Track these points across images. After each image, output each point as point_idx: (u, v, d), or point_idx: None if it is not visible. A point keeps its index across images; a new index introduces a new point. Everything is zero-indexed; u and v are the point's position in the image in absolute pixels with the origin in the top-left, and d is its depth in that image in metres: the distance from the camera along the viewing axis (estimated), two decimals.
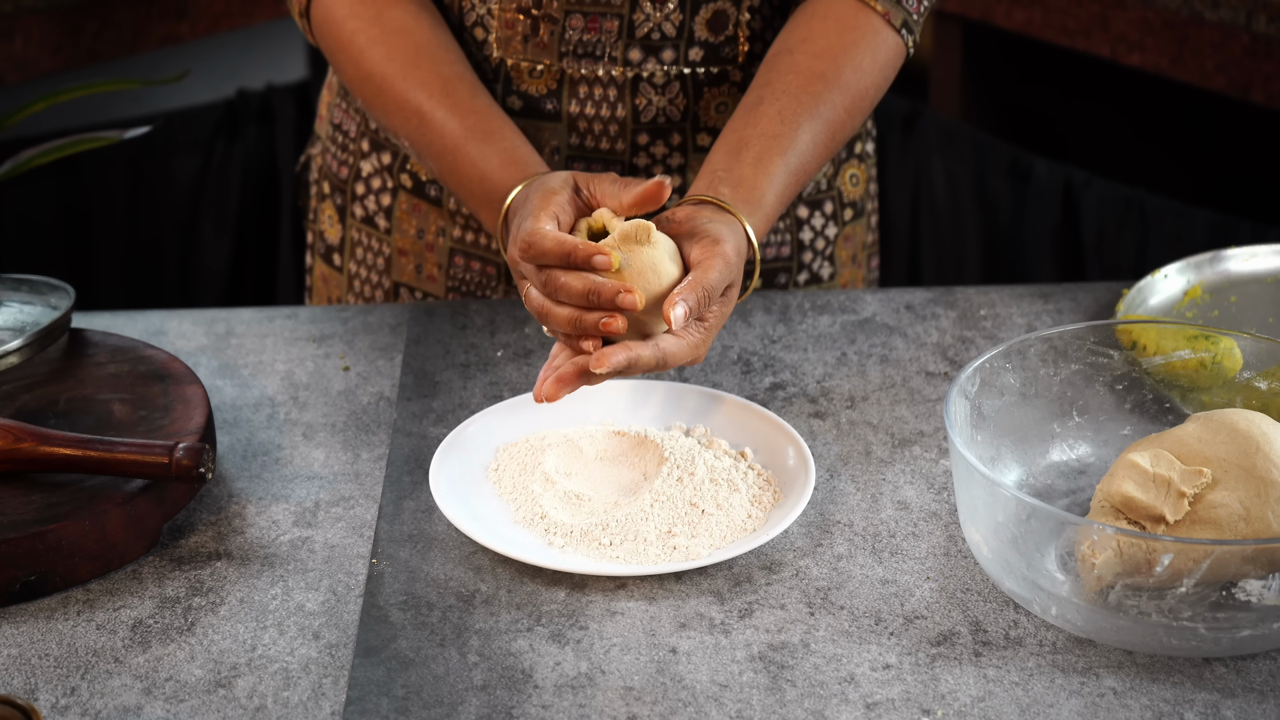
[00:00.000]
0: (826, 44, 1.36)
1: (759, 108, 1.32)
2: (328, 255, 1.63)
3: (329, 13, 1.41)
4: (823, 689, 1.06)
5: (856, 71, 1.36)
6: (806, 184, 1.35)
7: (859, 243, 1.62)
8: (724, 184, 1.27)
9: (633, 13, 1.42)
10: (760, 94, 1.34)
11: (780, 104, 1.32)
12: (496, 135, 1.34)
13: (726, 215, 1.25)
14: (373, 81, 1.39)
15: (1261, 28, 2.18)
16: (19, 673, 1.07)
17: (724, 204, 1.25)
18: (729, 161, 1.29)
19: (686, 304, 1.18)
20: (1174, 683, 1.06)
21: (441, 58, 1.39)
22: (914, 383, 1.38)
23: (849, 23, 1.37)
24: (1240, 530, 1.09)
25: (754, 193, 1.28)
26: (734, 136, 1.31)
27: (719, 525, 1.18)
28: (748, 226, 1.25)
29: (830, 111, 1.34)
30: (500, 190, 1.31)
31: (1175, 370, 1.26)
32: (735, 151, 1.30)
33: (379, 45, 1.39)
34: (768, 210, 1.29)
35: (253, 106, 2.52)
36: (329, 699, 1.05)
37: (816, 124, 1.33)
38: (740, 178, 1.28)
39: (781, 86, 1.33)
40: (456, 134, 1.35)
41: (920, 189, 2.58)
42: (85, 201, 2.45)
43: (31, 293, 1.37)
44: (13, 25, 2.28)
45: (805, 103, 1.33)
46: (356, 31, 1.40)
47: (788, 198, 1.32)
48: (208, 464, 1.16)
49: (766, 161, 1.29)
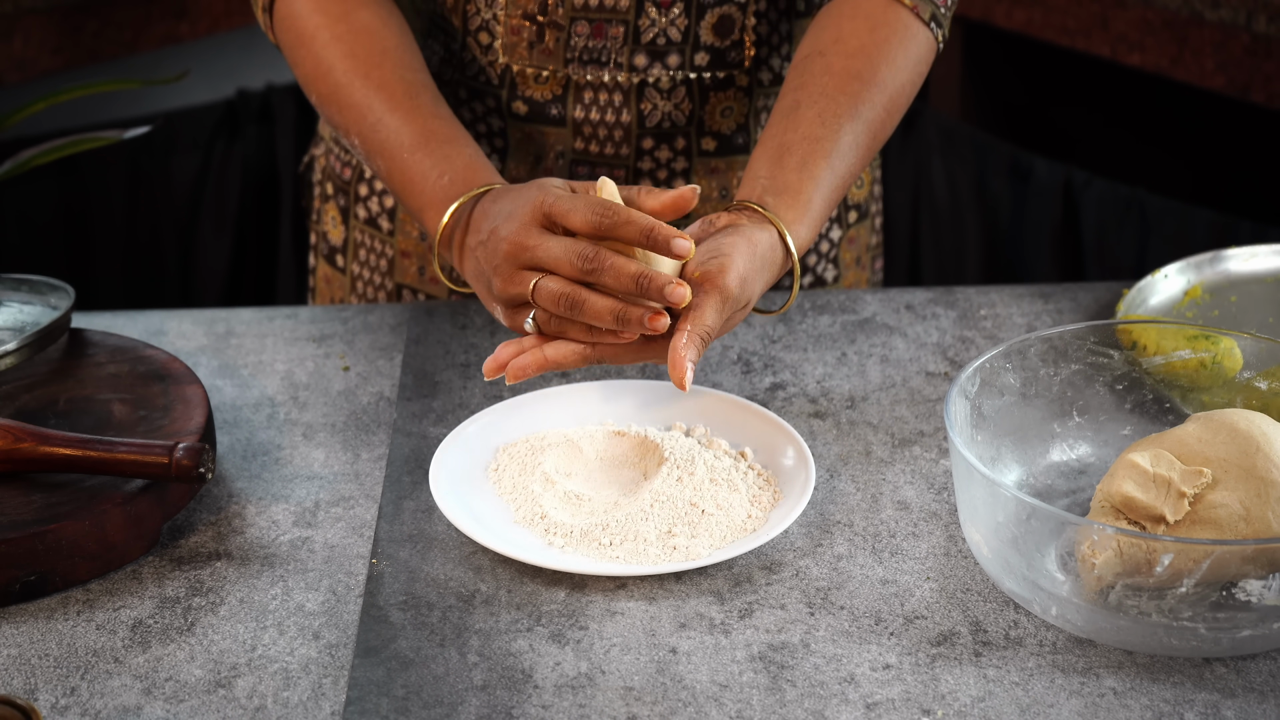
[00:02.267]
0: (859, 43, 1.33)
1: (797, 112, 1.30)
2: (331, 256, 1.63)
3: (291, 8, 1.40)
4: (823, 689, 1.06)
5: (891, 68, 1.33)
6: (850, 186, 1.32)
7: (863, 245, 1.62)
8: (769, 192, 1.25)
9: (638, 18, 1.41)
10: (796, 98, 1.31)
11: (819, 106, 1.29)
12: (458, 143, 1.32)
13: (766, 224, 1.23)
14: (331, 77, 1.36)
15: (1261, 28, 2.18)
16: (19, 673, 1.07)
17: (766, 212, 1.23)
18: (772, 169, 1.27)
19: (690, 359, 1.15)
20: (1174, 683, 1.06)
21: (406, 63, 1.37)
22: (914, 383, 1.38)
23: (879, 19, 1.34)
24: (1240, 530, 1.09)
25: (799, 197, 1.25)
26: (774, 143, 1.28)
27: (719, 525, 1.18)
28: (788, 237, 1.23)
29: (870, 111, 1.31)
30: (457, 193, 1.27)
31: (1175, 370, 1.26)
32: (778, 158, 1.27)
33: (341, 42, 1.37)
34: (815, 215, 1.26)
35: (253, 106, 2.52)
36: (329, 699, 1.05)
37: (857, 125, 1.30)
38: (785, 184, 1.26)
39: (817, 89, 1.31)
40: (415, 137, 1.32)
41: (920, 189, 2.58)
42: (85, 201, 2.45)
43: (31, 293, 1.37)
44: (13, 25, 2.28)
45: (844, 104, 1.30)
46: (320, 27, 1.38)
47: (834, 201, 1.29)
48: (208, 464, 1.16)
49: (811, 166, 1.27)
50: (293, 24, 1.40)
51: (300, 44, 1.40)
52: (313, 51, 1.38)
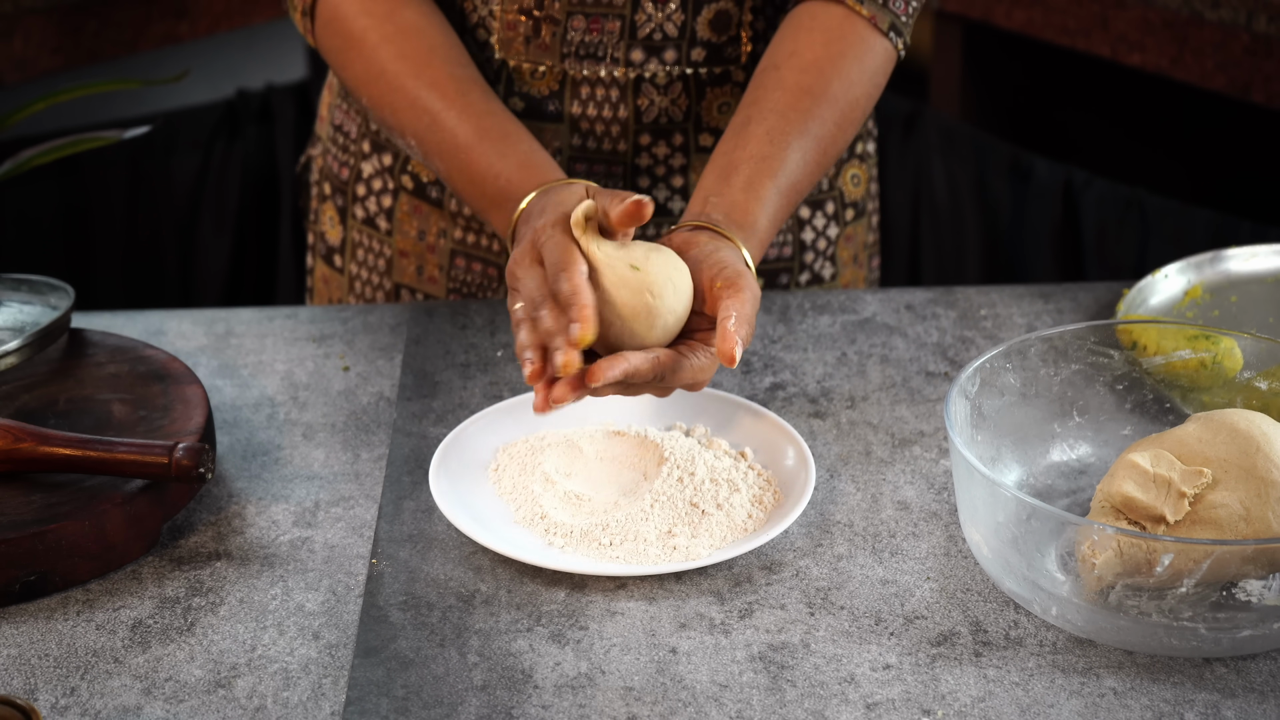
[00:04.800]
0: (813, 57, 1.34)
1: (747, 128, 1.31)
2: (329, 256, 1.63)
3: (338, 10, 1.40)
4: (823, 689, 1.06)
5: (845, 84, 1.34)
6: (799, 202, 1.33)
7: (860, 243, 1.62)
8: (716, 209, 1.26)
9: (634, 13, 1.41)
10: (748, 114, 1.32)
11: (768, 123, 1.30)
12: (513, 138, 1.33)
13: (725, 240, 1.23)
14: (384, 79, 1.37)
15: (1261, 28, 2.18)
16: (19, 673, 1.07)
17: (720, 229, 1.24)
18: (720, 185, 1.28)
19: (740, 337, 1.14)
20: (1174, 683, 1.06)
21: (454, 59, 1.38)
22: (914, 383, 1.38)
23: (835, 33, 1.35)
24: (1240, 530, 1.09)
25: (747, 217, 1.26)
26: (724, 160, 1.29)
27: (719, 525, 1.18)
28: (745, 252, 1.24)
29: (820, 128, 1.32)
30: (515, 193, 1.29)
31: (1175, 370, 1.26)
32: (725, 175, 1.28)
33: (391, 44, 1.37)
34: (761, 235, 1.27)
35: (252, 106, 2.52)
36: (329, 699, 1.05)
37: (806, 141, 1.31)
38: (732, 203, 1.26)
39: (769, 105, 1.32)
40: (470, 135, 1.33)
41: (920, 189, 2.58)
42: (85, 201, 2.45)
43: (31, 293, 1.37)
44: (13, 25, 2.28)
45: (794, 120, 1.31)
46: (368, 29, 1.38)
47: (780, 219, 1.30)
48: (207, 464, 1.16)
49: (757, 185, 1.27)
50: (340, 27, 1.40)
51: (349, 46, 1.40)
52: (362, 54, 1.38)
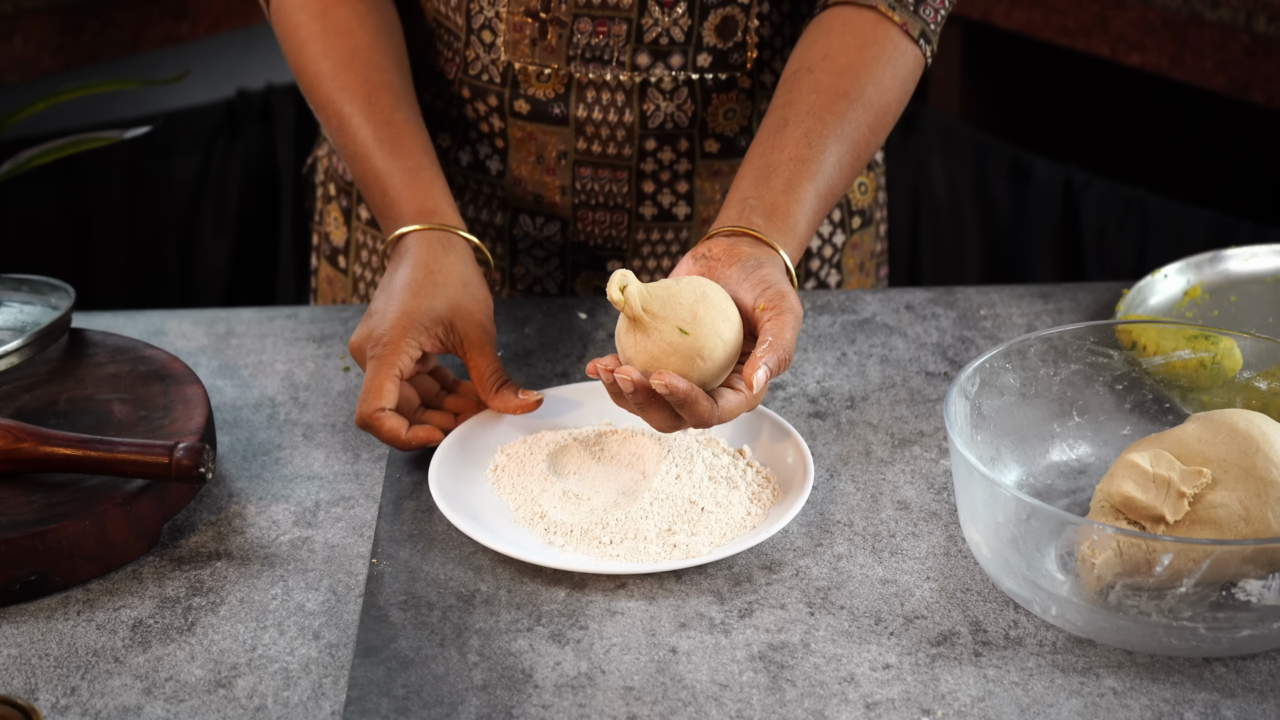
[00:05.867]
0: (847, 60, 1.34)
1: (784, 130, 1.30)
2: (333, 257, 1.63)
3: (281, 2, 1.43)
4: (823, 689, 1.06)
5: (878, 88, 1.34)
6: (834, 205, 1.34)
7: (867, 251, 1.62)
8: (756, 213, 1.25)
9: (641, 17, 1.41)
10: (784, 115, 1.31)
11: (806, 125, 1.30)
12: (404, 151, 1.35)
13: (765, 248, 1.23)
14: (306, 75, 1.40)
15: (1261, 28, 2.18)
16: (19, 673, 1.07)
17: (761, 235, 1.24)
18: (758, 188, 1.27)
19: (768, 366, 1.15)
20: (1174, 683, 1.06)
21: (374, 63, 1.39)
22: (914, 383, 1.38)
23: (868, 37, 1.35)
24: (1240, 530, 1.09)
25: (787, 220, 1.26)
26: (761, 161, 1.29)
27: (719, 522, 1.18)
28: (785, 257, 1.24)
29: (854, 131, 1.32)
30: (397, 211, 1.33)
31: (1175, 370, 1.26)
32: (764, 177, 1.28)
33: (317, 41, 1.40)
34: (800, 238, 1.27)
35: (253, 106, 2.52)
36: (329, 699, 1.05)
37: (842, 144, 1.31)
38: (772, 205, 1.26)
39: (805, 107, 1.31)
40: (368, 141, 1.36)
41: (920, 189, 2.58)
42: (85, 201, 2.45)
43: (31, 293, 1.37)
44: (13, 25, 2.28)
45: (830, 123, 1.31)
46: (300, 25, 1.41)
47: (818, 221, 1.30)
48: (208, 464, 1.16)
49: (796, 187, 1.27)
50: (280, 18, 1.43)
51: (286, 38, 1.43)
52: (293, 49, 1.42)
